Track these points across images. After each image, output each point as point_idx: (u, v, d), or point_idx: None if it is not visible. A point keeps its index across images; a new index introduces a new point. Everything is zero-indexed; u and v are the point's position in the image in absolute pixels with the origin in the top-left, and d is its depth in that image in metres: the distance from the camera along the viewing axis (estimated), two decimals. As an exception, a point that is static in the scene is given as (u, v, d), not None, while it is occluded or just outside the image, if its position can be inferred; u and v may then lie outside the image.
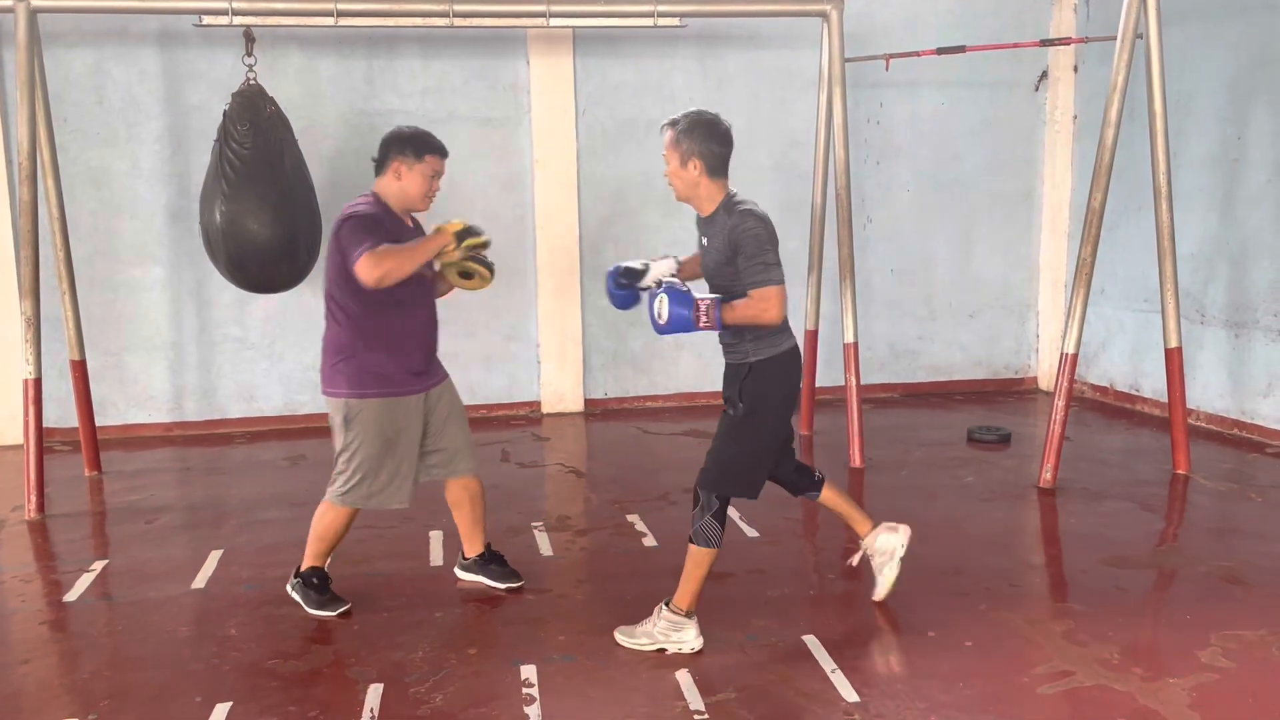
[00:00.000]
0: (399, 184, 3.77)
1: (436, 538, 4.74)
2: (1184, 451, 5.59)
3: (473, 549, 4.21)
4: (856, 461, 5.84)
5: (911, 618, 3.77)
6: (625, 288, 3.75)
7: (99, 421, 6.20)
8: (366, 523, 4.92)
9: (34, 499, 5.17)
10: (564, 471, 6.01)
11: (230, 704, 3.21)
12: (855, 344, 6.01)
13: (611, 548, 4.62)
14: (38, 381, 5.27)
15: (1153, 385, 7.03)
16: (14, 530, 5.00)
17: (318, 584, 3.94)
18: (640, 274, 3.74)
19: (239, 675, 3.44)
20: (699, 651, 3.52)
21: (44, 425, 5.40)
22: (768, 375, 3.51)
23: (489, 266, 3.88)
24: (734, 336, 3.54)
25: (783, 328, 3.56)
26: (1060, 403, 5.29)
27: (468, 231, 3.74)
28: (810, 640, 3.59)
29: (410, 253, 3.63)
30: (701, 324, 3.40)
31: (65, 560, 4.59)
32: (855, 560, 3.99)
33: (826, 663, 3.43)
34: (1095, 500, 5.16)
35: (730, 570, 4.27)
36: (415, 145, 3.76)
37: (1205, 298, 6.57)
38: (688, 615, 3.59)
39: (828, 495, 3.88)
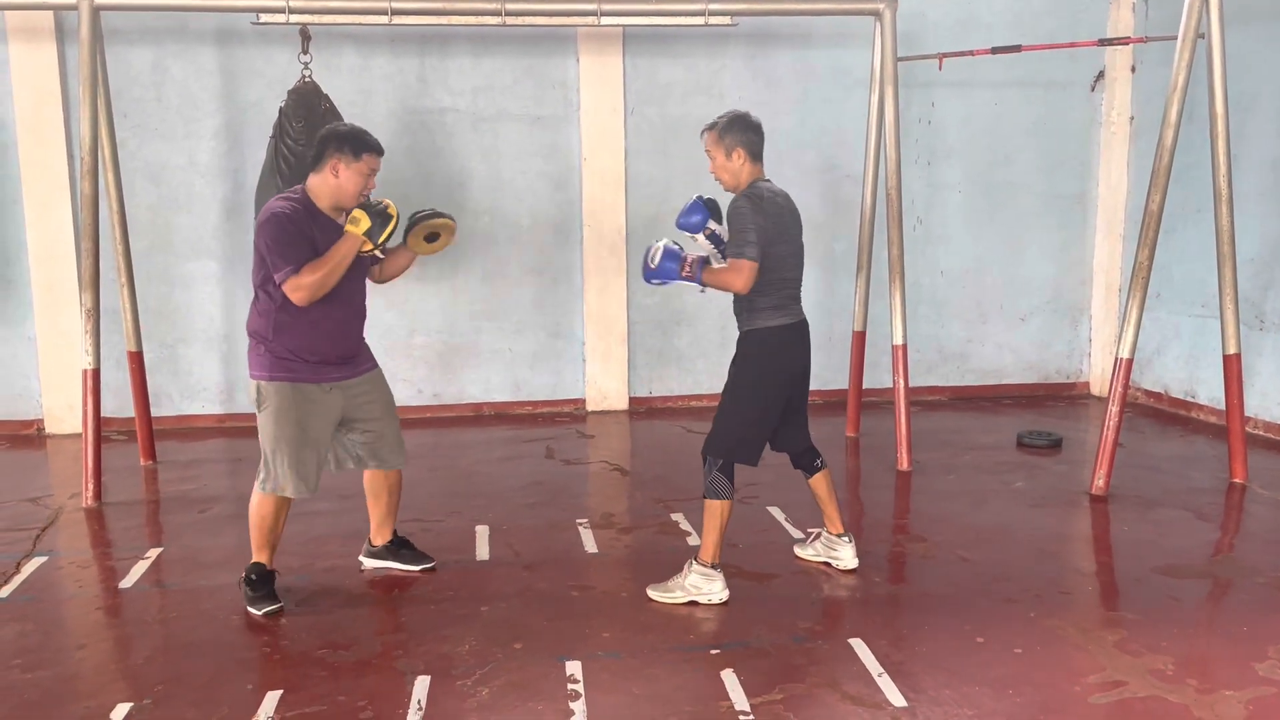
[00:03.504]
0: (335, 181, 3.77)
1: (482, 532, 4.77)
2: (1241, 460, 5.47)
3: (382, 537, 4.33)
4: (904, 464, 5.79)
5: (960, 623, 3.73)
6: (700, 216, 3.89)
7: (154, 412, 6.32)
8: (413, 516, 4.97)
9: (91, 487, 5.28)
10: (608, 469, 6.02)
11: (280, 692, 3.26)
12: (904, 346, 5.95)
13: (656, 545, 4.62)
14: (96, 372, 5.38)
15: (1209, 392, 6.90)
16: (72, 517, 5.11)
17: (255, 580, 3.93)
18: (718, 213, 3.94)
19: (289, 664, 3.48)
20: (744, 652, 3.51)
21: (101, 415, 5.51)
22: (751, 345, 3.91)
23: (445, 217, 3.98)
24: (738, 309, 3.94)
25: (780, 306, 3.89)
26: (1114, 408, 5.20)
27: (375, 229, 3.75)
28: (857, 643, 3.56)
29: (330, 267, 3.70)
30: (684, 274, 3.82)
31: (121, 547, 4.68)
32: (813, 532, 4.41)
33: (873, 666, 3.40)
34: (1149, 508, 5.07)
35: (775, 571, 4.26)
36: (353, 144, 3.77)
37: (1265, 303, 6.43)
38: (714, 567, 3.93)
39: (816, 482, 4.25)
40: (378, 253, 3.85)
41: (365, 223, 3.73)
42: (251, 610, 3.87)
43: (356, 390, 4.00)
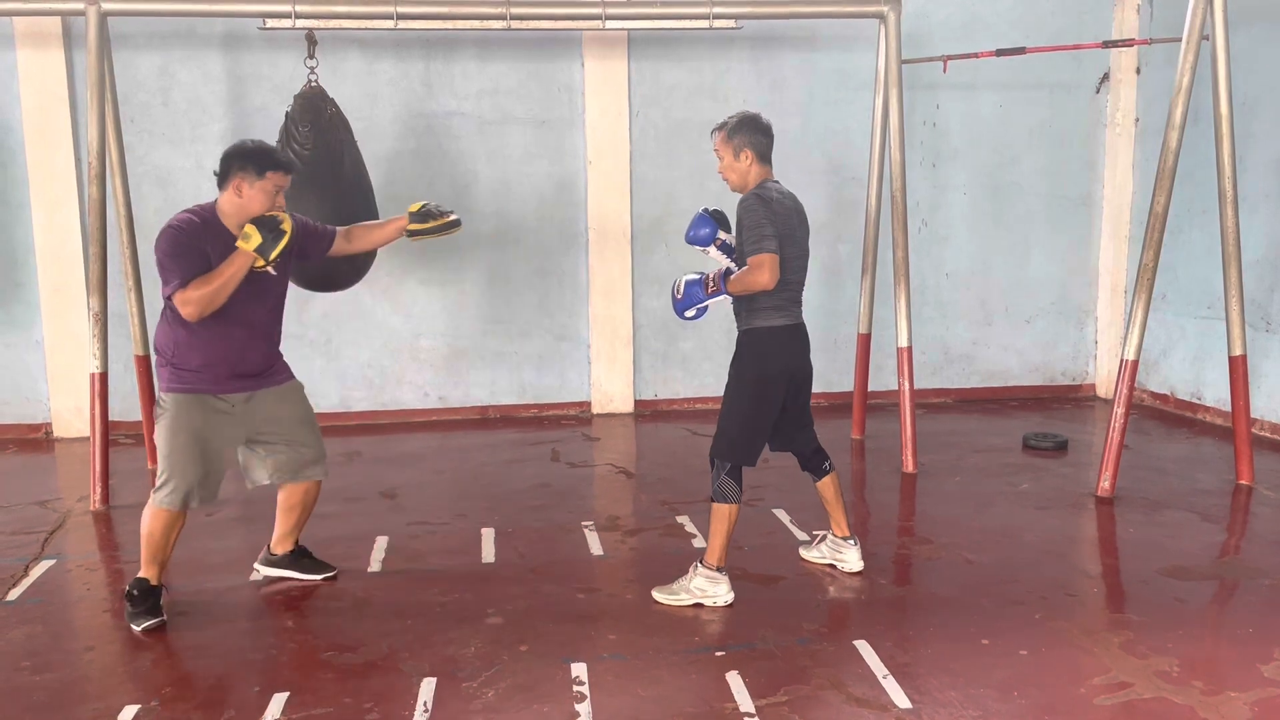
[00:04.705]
0: (239, 200, 3.71)
1: (488, 535, 4.78)
2: (1247, 461, 5.46)
3: (284, 547, 4.25)
4: (909, 467, 5.79)
5: (965, 625, 3.74)
6: (708, 229, 3.94)
7: (161, 415, 6.34)
8: (419, 518, 4.99)
9: (99, 490, 5.30)
10: (614, 472, 6.03)
11: (287, 694, 3.27)
12: (909, 348, 5.96)
13: (662, 548, 4.62)
14: (104, 376, 5.40)
15: (1215, 394, 6.89)
16: (79, 520, 5.13)
17: (137, 595, 3.81)
18: (725, 223, 4.00)
19: (296, 666, 3.50)
20: (749, 654, 3.52)
21: (109, 419, 5.52)
22: (749, 345, 3.93)
23: (440, 218, 4.04)
24: (737, 308, 3.95)
25: (781, 307, 3.88)
26: (1119, 410, 5.20)
27: (267, 244, 3.64)
28: (862, 645, 3.57)
29: (218, 284, 3.62)
30: (709, 290, 3.87)
31: (128, 550, 4.68)
32: (818, 534, 4.41)
33: (878, 668, 3.40)
34: (1155, 510, 5.06)
35: (781, 573, 4.27)
36: (257, 162, 3.70)
37: (1271, 305, 6.42)
38: (719, 571, 3.94)
39: (824, 485, 4.26)
40: (270, 269, 3.76)
41: (255, 239, 3.63)
42: (132, 626, 3.77)
43: (266, 402, 3.91)
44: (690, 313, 3.96)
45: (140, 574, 3.86)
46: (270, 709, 3.18)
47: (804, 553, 4.42)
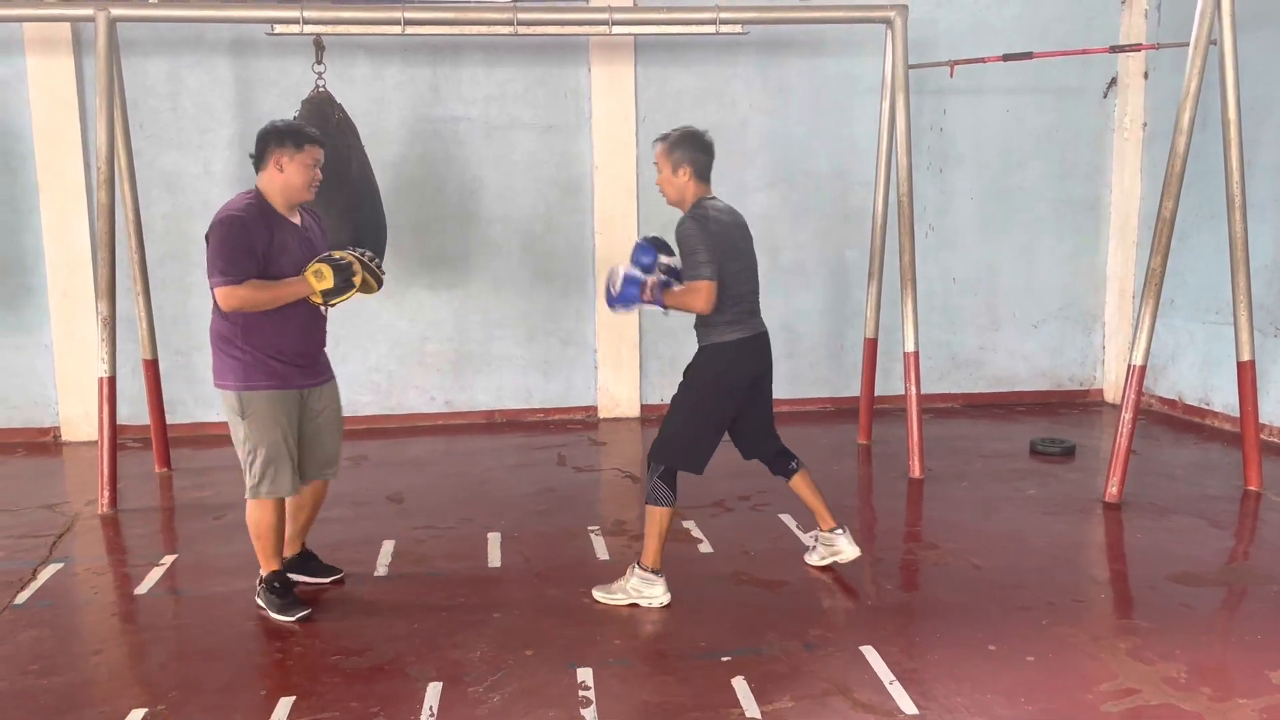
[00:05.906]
0: (282, 177, 3.79)
1: (494, 539, 4.79)
2: (1256, 467, 5.44)
3: (291, 550, 4.24)
4: (916, 472, 5.78)
5: (972, 631, 3.73)
6: (649, 257, 3.99)
7: (169, 419, 6.36)
8: (425, 523, 4.99)
9: (107, 494, 5.32)
10: (620, 476, 6.03)
11: (294, 698, 3.27)
12: (916, 353, 5.95)
13: (667, 552, 4.57)
14: (112, 380, 5.42)
15: (1223, 399, 6.86)
16: (87, 524, 5.14)
17: (279, 588, 3.93)
18: (666, 248, 4.03)
19: (302, 670, 3.50)
20: (755, 659, 3.51)
21: (117, 423, 5.54)
22: (708, 359, 3.94)
23: (376, 279, 3.94)
24: (696, 323, 3.96)
25: (736, 321, 3.91)
26: (1127, 415, 5.18)
27: (334, 291, 3.79)
28: (868, 651, 3.56)
29: (271, 297, 3.73)
30: (645, 298, 3.86)
31: (136, 554, 4.71)
32: (810, 535, 4.39)
33: (884, 674, 3.39)
34: (1162, 515, 5.05)
35: (787, 579, 4.26)
36: (294, 137, 3.80)
37: (1279, 310, 6.40)
38: (655, 573, 3.97)
39: (797, 484, 4.24)
40: (323, 308, 3.90)
41: (327, 282, 3.77)
42: (280, 618, 3.87)
43: (317, 398, 4.01)
44: (620, 308, 3.95)
45: (269, 568, 3.95)
46: (277, 713, 3.19)
47: (809, 559, 4.41)
